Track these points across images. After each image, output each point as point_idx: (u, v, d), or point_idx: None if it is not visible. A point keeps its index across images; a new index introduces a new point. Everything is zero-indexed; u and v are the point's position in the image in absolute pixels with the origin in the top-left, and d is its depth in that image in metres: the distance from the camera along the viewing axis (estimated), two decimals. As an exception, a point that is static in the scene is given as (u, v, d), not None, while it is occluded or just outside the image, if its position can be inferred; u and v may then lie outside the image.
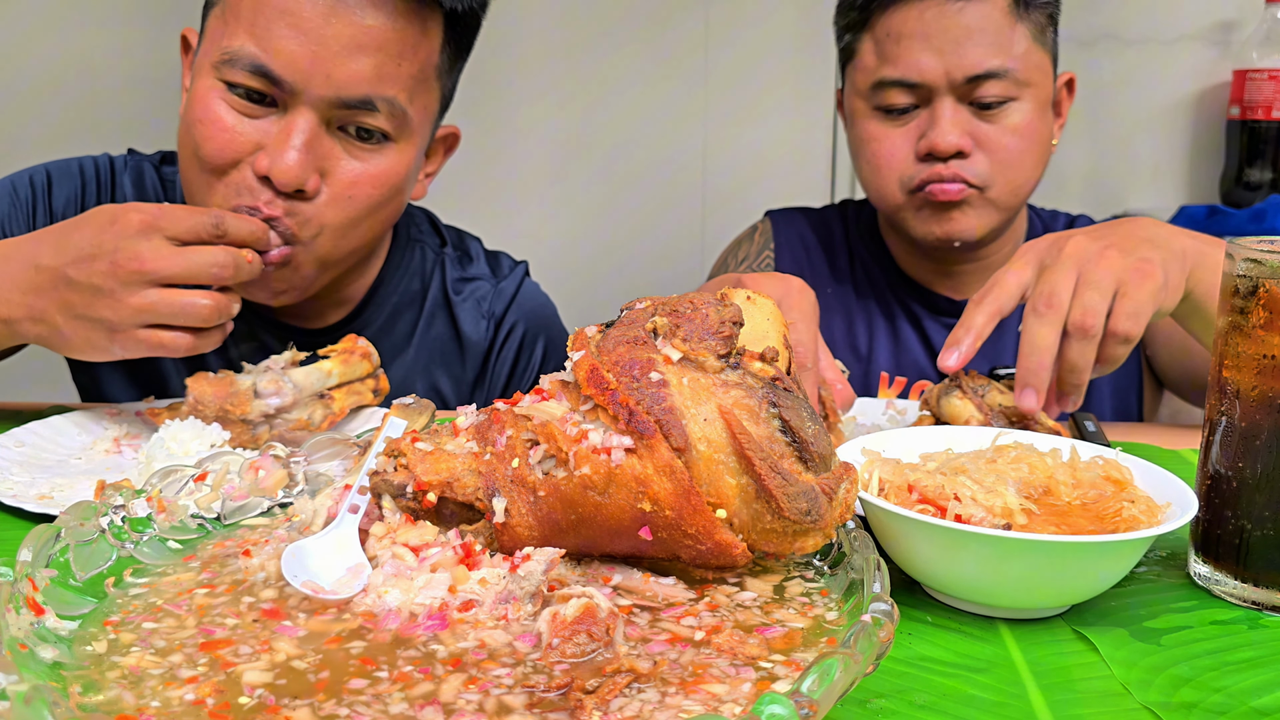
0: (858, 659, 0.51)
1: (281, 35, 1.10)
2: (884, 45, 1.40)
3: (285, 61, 1.10)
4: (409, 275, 1.41)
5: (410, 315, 1.40)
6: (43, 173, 1.34)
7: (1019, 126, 1.40)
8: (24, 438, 1.06)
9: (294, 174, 1.11)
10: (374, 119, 1.15)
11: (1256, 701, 0.65)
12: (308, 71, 1.11)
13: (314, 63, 1.10)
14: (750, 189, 2.45)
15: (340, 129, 1.15)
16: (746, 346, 0.68)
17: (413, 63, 1.16)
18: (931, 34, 1.37)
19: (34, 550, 0.62)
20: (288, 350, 1.11)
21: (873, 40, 1.42)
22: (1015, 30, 1.38)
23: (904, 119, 1.41)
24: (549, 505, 0.65)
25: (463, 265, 1.45)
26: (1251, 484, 0.78)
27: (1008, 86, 1.38)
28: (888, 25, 1.40)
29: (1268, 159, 2.31)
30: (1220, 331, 0.80)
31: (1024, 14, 1.39)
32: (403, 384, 1.38)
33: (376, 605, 0.62)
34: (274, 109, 1.13)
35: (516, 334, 1.44)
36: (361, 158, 1.16)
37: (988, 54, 1.36)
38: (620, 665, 0.56)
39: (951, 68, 1.36)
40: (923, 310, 1.57)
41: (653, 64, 2.40)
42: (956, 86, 1.37)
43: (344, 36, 1.11)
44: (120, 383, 1.37)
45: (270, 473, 0.79)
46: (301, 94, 1.11)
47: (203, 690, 0.53)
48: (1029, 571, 0.71)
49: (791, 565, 0.70)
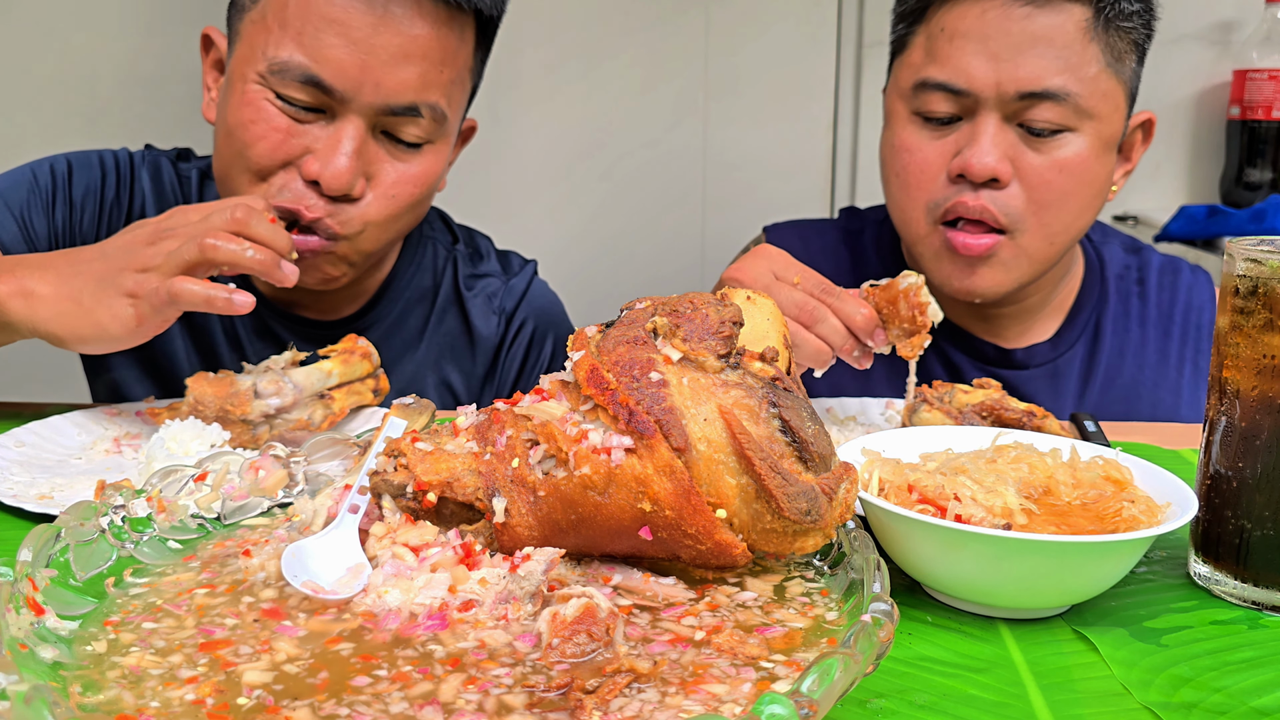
0: (858, 659, 0.51)
1: (331, 45, 1.13)
2: (936, 41, 1.24)
3: (335, 71, 1.13)
4: (421, 271, 1.42)
5: (422, 310, 1.42)
6: (63, 162, 1.34)
7: (1069, 162, 1.22)
8: (24, 438, 1.06)
9: (344, 180, 1.14)
10: (418, 125, 1.19)
11: (1256, 701, 0.65)
12: (358, 80, 1.13)
13: (363, 71, 1.13)
14: (751, 189, 2.45)
15: (384, 133, 1.19)
16: (746, 346, 0.68)
17: (452, 68, 1.20)
18: (991, 36, 1.20)
19: (34, 550, 0.62)
20: (288, 350, 1.12)
21: (926, 34, 1.26)
22: (1088, 50, 1.20)
23: (943, 130, 1.25)
24: (549, 505, 0.65)
25: (474, 262, 1.47)
26: (1251, 484, 0.78)
27: (1065, 114, 1.20)
28: (944, 19, 1.23)
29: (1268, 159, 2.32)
30: (1220, 331, 0.80)
31: (1103, 34, 1.21)
32: (414, 378, 1.40)
33: (376, 605, 0.62)
34: (323, 115, 1.16)
35: (526, 330, 1.45)
36: (404, 159, 1.20)
37: (1049, 70, 1.19)
38: (620, 665, 0.56)
39: (1004, 78, 1.19)
40: (964, 358, 1.40)
41: (653, 64, 2.40)
42: (1006, 102, 1.20)
43: (392, 46, 1.14)
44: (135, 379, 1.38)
45: (270, 473, 0.79)
46: (351, 102, 1.14)
47: (203, 690, 0.53)
48: (1029, 571, 0.71)
49: (791, 565, 0.70)
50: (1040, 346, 1.41)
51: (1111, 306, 1.43)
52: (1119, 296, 1.44)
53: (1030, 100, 1.20)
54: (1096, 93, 1.21)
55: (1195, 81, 2.40)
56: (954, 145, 1.24)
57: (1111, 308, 1.43)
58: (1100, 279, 1.44)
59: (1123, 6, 1.22)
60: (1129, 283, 1.45)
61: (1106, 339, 1.41)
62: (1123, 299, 1.44)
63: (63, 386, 1.71)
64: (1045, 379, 1.40)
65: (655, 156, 2.45)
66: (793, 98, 2.44)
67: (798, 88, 2.44)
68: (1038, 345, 1.41)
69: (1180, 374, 1.43)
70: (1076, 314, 1.42)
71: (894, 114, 1.31)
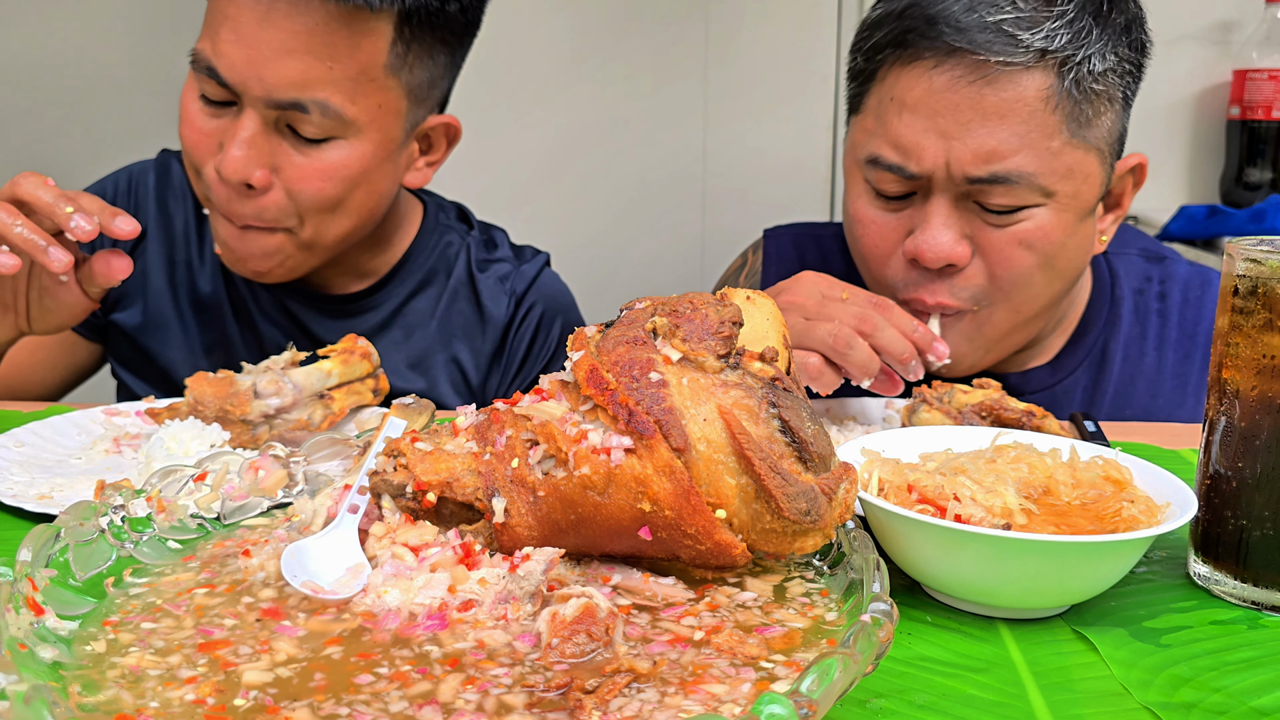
0: (857, 659, 0.51)
1: (226, 39, 1.17)
2: (886, 110, 1.13)
3: (228, 64, 1.17)
4: (435, 255, 1.47)
5: (434, 290, 1.46)
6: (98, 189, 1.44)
7: (1033, 236, 1.11)
8: (24, 438, 1.06)
9: (236, 168, 1.18)
10: (307, 120, 1.19)
11: (1256, 701, 0.65)
12: (245, 74, 1.17)
13: (249, 66, 1.16)
14: (751, 189, 2.45)
15: (289, 127, 1.21)
16: (746, 346, 0.68)
17: (348, 64, 1.19)
18: (939, 112, 1.09)
19: (34, 550, 0.62)
20: (287, 350, 1.12)
21: (877, 98, 1.16)
22: (1048, 122, 1.08)
23: (898, 205, 1.16)
24: (548, 505, 0.65)
25: (488, 249, 1.52)
26: (1251, 484, 0.78)
27: (1023, 194, 1.09)
28: (894, 87, 1.13)
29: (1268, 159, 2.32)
30: (1220, 331, 0.80)
31: (1068, 101, 1.08)
32: (424, 356, 1.45)
33: (376, 605, 0.62)
34: (231, 109, 1.21)
35: (535, 313, 1.49)
36: (306, 153, 1.22)
37: (1002, 150, 1.07)
38: (620, 665, 0.56)
39: (954, 159, 1.09)
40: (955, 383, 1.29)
41: (653, 64, 2.40)
42: (957, 183, 1.10)
43: (275, 41, 1.16)
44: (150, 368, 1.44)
45: (270, 473, 0.79)
46: (244, 95, 1.18)
47: (202, 690, 0.53)
48: (1029, 571, 0.71)
49: (791, 565, 0.70)
50: (1038, 371, 1.32)
51: (1123, 329, 1.31)
52: (1135, 316, 1.32)
53: (982, 185, 1.10)
54: (1059, 169, 1.10)
55: (1195, 81, 2.41)
56: (909, 221, 1.15)
57: (1123, 330, 1.31)
58: (1111, 298, 1.33)
59: (1093, 65, 1.09)
60: (1149, 299, 1.33)
61: (1115, 364, 1.31)
62: (1140, 319, 1.32)
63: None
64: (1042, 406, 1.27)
65: (655, 156, 2.45)
66: (793, 98, 2.44)
67: (798, 88, 2.44)
68: (1034, 370, 1.32)
69: (1199, 402, 1.30)
70: (1081, 337, 1.32)
71: (851, 179, 1.22)
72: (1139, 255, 1.36)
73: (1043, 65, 1.07)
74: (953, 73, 1.08)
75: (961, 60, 1.08)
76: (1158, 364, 1.31)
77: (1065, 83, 1.08)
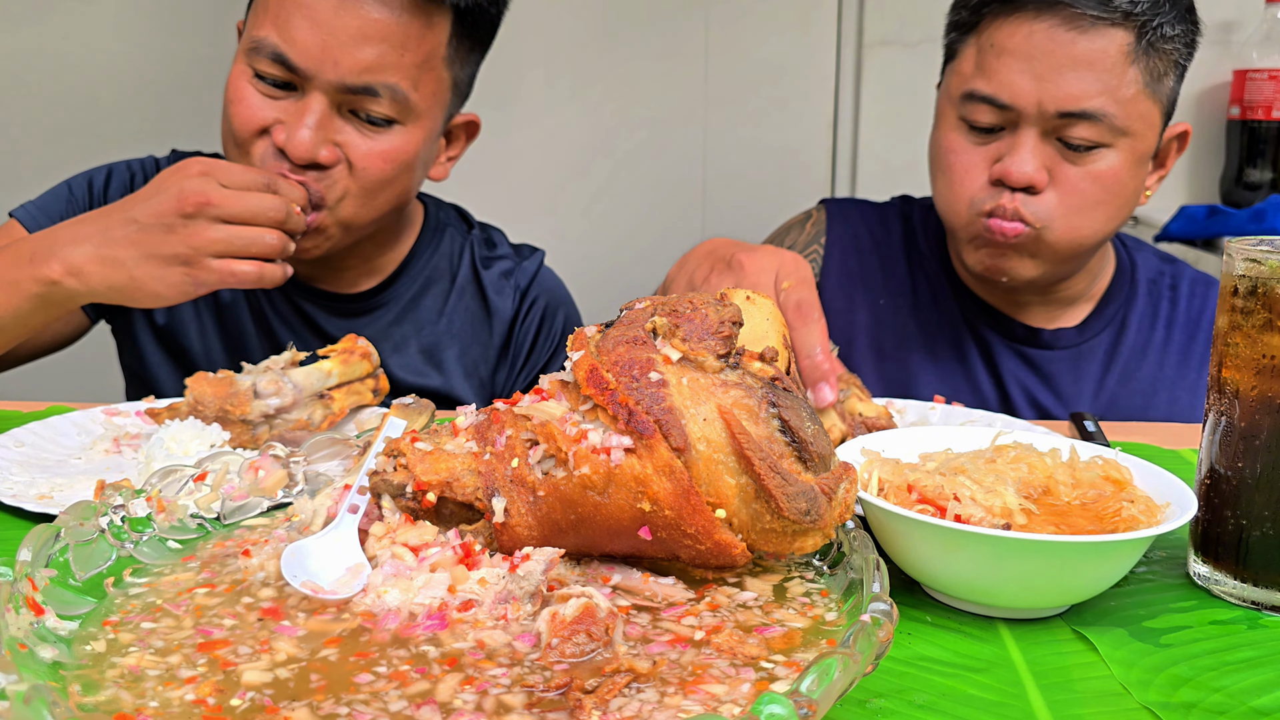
0: (857, 659, 0.51)
1: (298, 26, 1.23)
2: (985, 55, 1.32)
3: (300, 50, 1.23)
4: (439, 254, 1.52)
5: (441, 287, 1.51)
6: (102, 172, 1.47)
7: (1103, 174, 1.30)
8: (24, 438, 1.06)
9: (306, 147, 1.24)
10: (377, 104, 1.26)
11: (1256, 701, 0.65)
12: (318, 59, 1.23)
13: (324, 50, 1.23)
14: (751, 189, 2.45)
15: (351, 112, 1.27)
16: (746, 346, 0.68)
17: (416, 52, 1.27)
18: (1036, 56, 1.27)
19: (34, 550, 0.62)
20: (287, 350, 1.12)
21: (976, 46, 1.34)
22: (1127, 73, 1.27)
23: (986, 138, 1.33)
24: (548, 505, 0.65)
25: (488, 248, 1.56)
26: (1251, 484, 0.78)
27: (1101, 132, 1.28)
28: (994, 35, 1.31)
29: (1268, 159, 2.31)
30: (1220, 331, 0.80)
31: (1144, 57, 1.28)
32: (433, 349, 1.48)
33: (376, 605, 0.62)
34: (294, 92, 1.26)
35: (539, 306, 1.55)
36: (370, 136, 1.28)
37: (1088, 92, 1.27)
38: (619, 665, 0.56)
39: (1046, 98, 1.27)
40: (995, 336, 1.48)
41: (653, 64, 2.40)
42: (1046, 118, 1.28)
43: (351, 28, 1.23)
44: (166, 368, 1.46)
45: (270, 473, 0.79)
46: (314, 78, 1.24)
47: (202, 690, 0.53)
48: (1029, 571, 0.71)
49: (791, 565, 0.70)
50: (1067, 331, 1.49)
51: (1140, 305, 1.51)
52: (1150, 298, 1.52)
53: (1069, 119, 1.28)
54: (1133, 114, 1.29)
55: (1195, 81, 2.40)
56: (995, 152, 1.33)
57: (1139, 306, 1.51)
58: (1131, 280, 1.52)
59: (1164, 30, 1.29)
60: (1162, 287, 1.53)
61: (1131, 333, 1.50)
62: (1153, 300, 1.52)
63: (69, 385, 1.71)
64: (1068, 361, 1.48)
65: (655, 156, 2.45)
66: (793, 98, 2.44)
67: (798, 88, 2.44)
68: (1064, 329, 1.49)
69: (1200, 376, 1.49)
70: (1105, 306, 1.51)
71: (943, 116, 1.39)
72: (1154, 255, 1.57)
73: (1125, 24, 1.27)
74: (1050, 22, 1.28)
75: (1059, 13, 1.28)
76: (1166, 339, 1.52)
77: (1142, 42, 1.28)
